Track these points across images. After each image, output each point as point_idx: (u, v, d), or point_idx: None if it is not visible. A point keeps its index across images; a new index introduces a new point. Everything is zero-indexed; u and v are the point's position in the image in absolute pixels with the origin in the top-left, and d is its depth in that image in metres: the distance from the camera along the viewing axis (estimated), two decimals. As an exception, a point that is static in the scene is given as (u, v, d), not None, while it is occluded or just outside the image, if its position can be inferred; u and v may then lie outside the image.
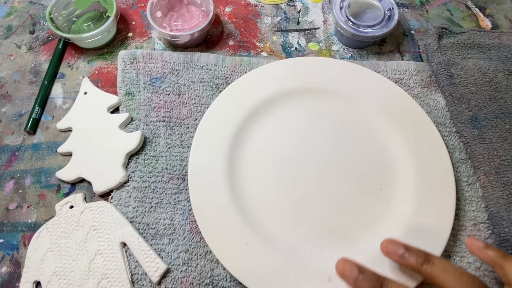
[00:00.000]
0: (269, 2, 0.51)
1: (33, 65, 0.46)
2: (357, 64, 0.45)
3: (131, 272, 0.35)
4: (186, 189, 0.39)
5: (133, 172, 0.40)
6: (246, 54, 0.48)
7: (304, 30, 0.50)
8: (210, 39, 0.48)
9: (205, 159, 0.39)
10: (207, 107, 0.42)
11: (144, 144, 0.41)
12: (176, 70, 0.45)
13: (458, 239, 0.37)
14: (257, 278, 0.34)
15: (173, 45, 0.47)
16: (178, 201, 0.39)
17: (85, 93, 0.43)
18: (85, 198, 0.39)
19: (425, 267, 0.29)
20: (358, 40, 0.46)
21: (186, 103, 0.43)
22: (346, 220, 0.38)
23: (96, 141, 0.40)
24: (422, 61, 0.48)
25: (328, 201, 0.38)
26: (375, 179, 0.39)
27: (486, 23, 0.51)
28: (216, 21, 0.50)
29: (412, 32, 0.50)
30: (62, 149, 0.41)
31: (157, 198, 0.39)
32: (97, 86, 0.44)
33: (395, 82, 0.44)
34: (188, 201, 0.38)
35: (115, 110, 0.43)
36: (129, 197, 0.38)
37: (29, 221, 0.38)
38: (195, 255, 0.36)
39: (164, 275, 0.35)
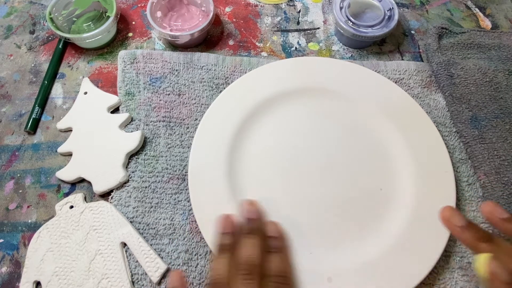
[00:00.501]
0: (269, 2, 0.51)
1: (33, 65, 0.46)
2: (357, 64, 0.45)
3: (131, 272, 0.35)
4: (186, 189, 0.39)
5: (133, 172, 0.40)
6: (246, 54, 0.48)
7: (304, 30, 0.50)
8: (210, 39, 0.48)
9: (205, 159, 0.39)
10: (207, 107, 0.42)
11: (144, 144, 0.41)
12: (176, 70, 0.45)
13: (458, 239, 0.37)
14: (257, 278, 0.34)
15: (173, 45, 0.47)
16: (178, 201, 0.39)
17: (85, 93, 0.43)
18: (85, 198, 0.39)
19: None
20: (358, 40, 0.46)
21: (186, 103, 0.43)
22: (346, 220, 0.38)
23: (96, 141, 0.40)
24: (422, 61, 0.48)
25: (328, 201, 0.38)
26: (375, 179, 0.39)
27: (486, 23, 0.51)
28: (216, 21, 0.50)
29: (412, 32, 0.50)
30: (62, 149, 0.41)
31: (157, 198, 0.39)
32: (97, 86, 0.44)
33: (395, 82, 0.44)
34: (188, 201, 0.38)
35: (115, 110, 0.43)
36: (129, 197, 0.38)
37: (29, 221, 0.38)
38: (195, 255, 0.36)
39: (164, 275, 0.35)
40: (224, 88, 0.43)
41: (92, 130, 0.41)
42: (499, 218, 0.30)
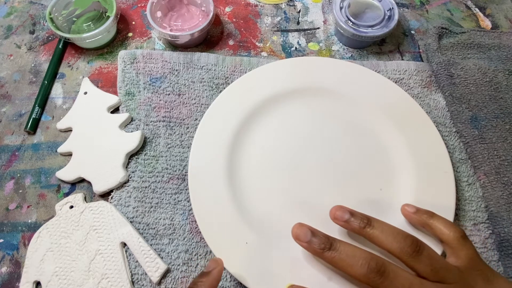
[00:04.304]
0: (269, 2, 0.51)
1: (33, 65, 0.46)
2: (357, 64, 0.45)
3: (131, 272, 0.35)
4: (186, 189, 0.39)
5: (133, 172, 0.40)
6: (246, 54, 0.48)
7: (304, 30, 0.50)
8: (210, 39, 0.48)
9: (205, 159, 0.39)
10: (207, 107, 0.42)
11: (144, 144, 0.41)
12: (176, 70, 0.45)
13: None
14: (257, 278, 0.34)
15: (173, 45, 0.47)
16: (178, 201, 0.39)
17: (85, 93, 0.43)
18: (85, 198, 0.39)
19: (366, 229, 0.31)
20: (358, 40, 0.46)
21: (186, 103, 0.43)
22: (346, 220, 0.38)
23: (96, 141, 0.40)
24: (422, 61, 0.48)
25: (328, 200, 0.38)
26: (375, 179, 0.39)
27: (486, 23, 0.51)
28: (216, 21, 0.50)
29: (412, 32, 0.50)
30: (62, 149, 0.41)
31: (157, 198, 0.39)
32: (97, 86, 0.44)
33: (395, 82, 0.44)
34: (188, 201, 0.38)
35: (115, 110, 0.43)
36: (129, 197, 0.38)
37: (29, 221, 0.38)
38: (195, 255, 0.36)
39: (164, 275, 0.35)
40: (224, 88, 0.42)
41: (92, 130, 0.41)
42: (343, 221, 0.33)
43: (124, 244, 0.36)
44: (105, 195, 0.39)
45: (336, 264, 0.30)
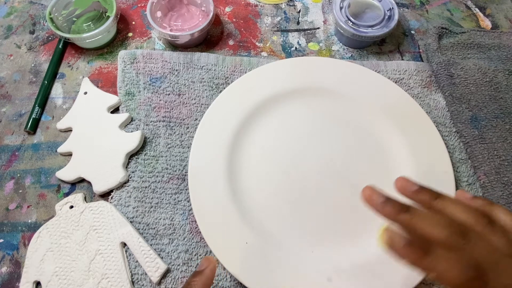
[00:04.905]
0: (269, 2, 0.51)
1: (33, 65, 0.46)
2: (357, 64, 0.45)
3: (131, 272, 0.35)
4: (186, 189, 0.39)
5: (133, 172, 0.40)
6: (246, 54, 0.48)
7: (304, 30, 0.50)
8: (210, 39, 0.48)
9: (205, 159, 0.39)
10: (207, 107, 0.42)
11: (144, 144, 0.41)
12: (176, 70, 0.45)
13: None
14: (257, 278, 0.34)
15: (173, 45, 0.47)
16: (178, 201, 0.39)
17: (85, 93, 0.43)
18: (85, 198, 0.39)
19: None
20: (358, 40, 0.46)
21: (186, 103, 0.43)
22: (346, 219, 0.38)
23: (96, 141, 0.40)
24: (422, 61, 0.48)
25: (327, 201, 0.38)
26: (375, 179, 0.39)
27: (486, 23, 0.51)
28: (216, 21, 0.50)
29: (412, 32, 0.50)
30: (62, 149, 0.41)
31: (157, 198, 0.39)
32: (97, 86, 0.44)
33: (395, 82, 0.44)
34: (188, 201, 0.38)
35: (115, 110, 0.43)
36: (129, 197, 0.38)
37: (29, 221, 0.38)
38: (195, 255, 0.36)
39: (164, 275, 0.35)
40: (224, 88, 0.43)
41: (92, 130, 0.41)
42: (411, 191, 0.29)
43: (124, 244, 0.36)
44: (105, 195, 0.39)
45: (414, 225, 0.27)
